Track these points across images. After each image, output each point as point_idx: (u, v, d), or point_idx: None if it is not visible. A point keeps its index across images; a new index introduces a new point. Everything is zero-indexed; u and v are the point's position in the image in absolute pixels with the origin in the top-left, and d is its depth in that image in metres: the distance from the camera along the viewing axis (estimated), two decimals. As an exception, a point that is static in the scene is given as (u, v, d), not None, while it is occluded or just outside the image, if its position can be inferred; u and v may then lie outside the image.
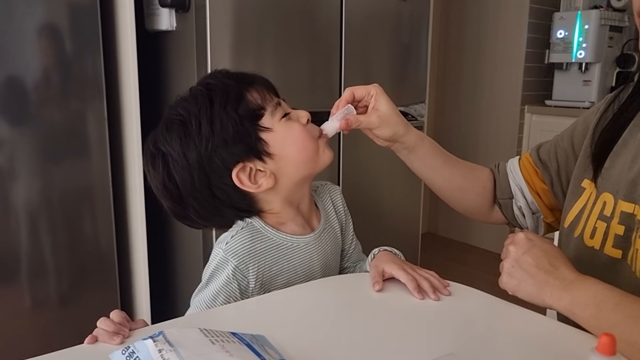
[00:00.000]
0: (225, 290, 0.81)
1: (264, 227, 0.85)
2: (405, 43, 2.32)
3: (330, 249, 0.93)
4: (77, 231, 1.69)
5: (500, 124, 3.20)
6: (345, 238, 0.99)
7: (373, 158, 2.27)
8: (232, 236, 0.83)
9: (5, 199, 1.54)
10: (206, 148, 0.78)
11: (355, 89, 0.91)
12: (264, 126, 0.81)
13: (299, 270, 0.87)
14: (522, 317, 0.75)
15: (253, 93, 0.81)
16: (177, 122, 0.80)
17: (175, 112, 0.81)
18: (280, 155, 0.82)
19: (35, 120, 1.56)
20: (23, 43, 1.51)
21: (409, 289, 0.80)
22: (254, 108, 0.81)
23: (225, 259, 0.81)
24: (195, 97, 0.80)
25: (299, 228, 0.88)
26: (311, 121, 0.87)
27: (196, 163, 0.79)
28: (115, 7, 1.71)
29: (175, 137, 0.79)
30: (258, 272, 0.83)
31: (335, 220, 0.96)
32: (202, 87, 0.81)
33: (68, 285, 1.69)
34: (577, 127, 0.97)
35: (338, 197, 0.99)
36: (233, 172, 0.80)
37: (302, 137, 0.83)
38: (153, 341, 0.55)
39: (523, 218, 1.04)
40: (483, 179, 1.05)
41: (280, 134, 0.82)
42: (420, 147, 0.97)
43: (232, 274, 0.81)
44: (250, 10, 1.80)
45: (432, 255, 3.15)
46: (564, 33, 2.92)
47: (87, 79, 1.63)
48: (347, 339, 0.68)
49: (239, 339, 0.59)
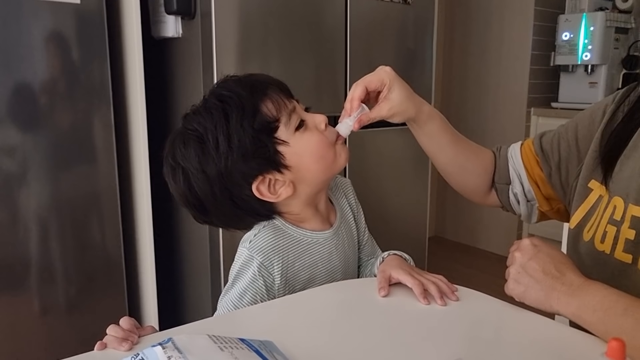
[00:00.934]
0: (252, 288, 0.82)
1: (285, 225, 0.87)
2: (410, 47, 2.32)
3: (347, 242, 0.94)
4: (85, 237, 1.70)
5: (507, 126, 3.20)
6: (359, 230, 1.00)
7: (379, 161, 2.27)
8: (256, 234, 0.85)
9: (13, 205, 1.55)
10: (225, 164, 0.79)
11: (368, 82, 0.90)
12: (281, 139, 0.81)
13: (319, 265, 0.89)
14: (530, 321, 0.75)
15: (267, 103, 0.81)
16: (194, 138, 0.80)
17: (191, 127, 0.81)
18: (298, 167, 0.82)
19: (42, 127, 1.57)
20: (30, 50, 1.52)
21: (415, 294, 0.80)
22: (270, 120, 0.80)
23: (250, 256, 0.83)
24: (210, 111, 0.80)
25: (318, 224, 0.90)
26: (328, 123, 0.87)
27: (216, 178, 0.80)
28: (122, 15, 1.73)
29: (193, 154, 0.80)
30: (282, 268, 0.84)
31: (350, 214, 0.98)
32: (215, 100, 0.81)
33: (76, 291, 1.69)
34: (582, 120, 0.96)
35: (350, 191, 1.01)
36: (253, 186, 0.81)
37: (320, 148, 0.83)
38: (162, 348, 0.55)
39: (517, 204, 1.03)
40: (485, 161, 1.05)
41: (296, 147, 0.82)
42: (429, 124, 0.97)
43: (258, 271, 0.82)
44: (256, 16, 1.81)
45: (440, 258, 3.14)
46: (570, 35, 2.92)
47: (94, 86, 1.64)
48: (355, 345, 0.68)
49: (247, 345, 0.59)
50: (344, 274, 0.92)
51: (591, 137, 0.92)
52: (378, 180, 2.29)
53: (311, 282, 0.88)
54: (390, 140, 2.29)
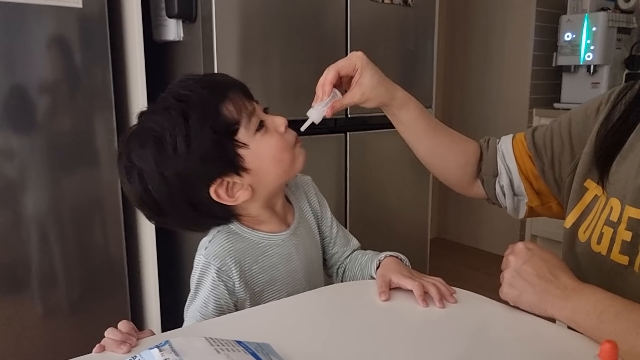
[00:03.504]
0: (214, 294, 0.82)
1: (240, 229, 0.86)
2: (411, 48, 2.32)
3: (308, 241, 0.93)
4: (87, 241, 1.71)
5: (509, 127, 3.18)
6: (323, 225, 0.99)
7: (380, 163, 2.27)
8: (210, 240, 0.84)
9: (16, 209, 1.56)
10: (183, 166, 0.77)
11: (340, 66, 0.90)
12: (241, 142, 0.80)
13: (279, 267, 0.88)
14: (529, 323, 0.75)
15: (228, 105, 0.79)
16: (151, 138, 0.77)
17: (148, 127, 0.79)
18: (257, 170, 0.82)
19: (45, 131, 1.58)
20: (33, 54, 1.53)
21: (415, 296, 0.80)
22: (230, 123, 0.79)
23: (207, 262, 0.83)
24: (169, 110, 0.78)
25: (275, 226, 0.89)
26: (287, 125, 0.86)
27: (173, 180, 0.78)
28: (124, 18, 1.74)
29: (150, 155, 0.77)
30: (240, 272, 0.83)
31: (310, 213, 0.97)
32: (174, 99, 0.79)
33: (78, 294, 1.70)
34: (576, 116, 0.95)
35: (310, 189, 1.00)
36: (211, 189, 0.80)
37: (279, 151, 0.83)
38: (159, 350, 0.56)
39: (503, 197, 1.03)
40: (468, 153, 1.04)
41: (256, 149, 0.81)
42: (404, 111, 0.97)
43: (217, 277, 0.82)
44: (256, 19, 1.82)
45: (442, 260, 3.14)
46: (572, 36, 2.91)
47: (96, 90, 1.65)
48: (353, 347, 0.68)
49: (244, 348, 0.60)
50: (307, 273, 0.91)
51: (585, 133, 0.91)
52: (379, 182, 2.30)
53: (271, 283, 0.87)
54: (391, 142, 2.29)
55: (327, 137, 2.05)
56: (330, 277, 1.03)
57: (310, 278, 0.92)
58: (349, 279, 0.98)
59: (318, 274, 0.96)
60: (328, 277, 1.03)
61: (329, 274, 1.02)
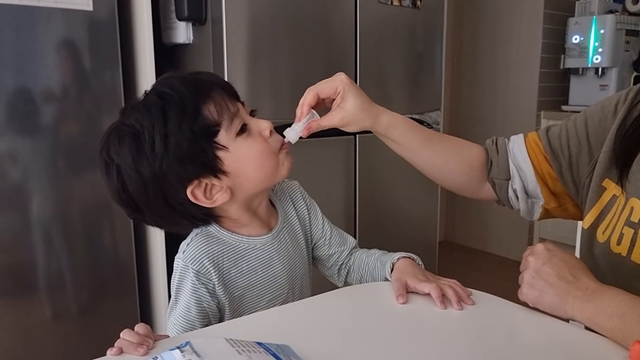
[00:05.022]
0: (196, 297, 0.81)
1: (219, 231, 0.85)
2: (419, 51, 2.32)
3: (292, 247, 0.91)
4: (97, 243, 1.71)
5: (517, 130, 3.12)
6: (314, 229, 0.97)
7: (389, 166, 2.26)
8: (188, 244, 0.83)
9: (25, 212, 1.56)
10: (160, 165, 0.75)
11: (320, 89, 0.88)
12: (220, 144, 0.78)
13: (259, 271, 0.86)
14: (545, 324, 0.74)
15: (210, 105, 0.77)
16: (129, 134, 0.76)
17: (127, 123, 0.76)
18: (236, 174, 0.80)
19: (54, 134, 1.59)
20: (43, 57, 1.54)
21: (433, 297, 0.79)
22: (210, 124, 0.77)
23: (185, 266, 0.81)
24: (149, 108, 0.76)
25: (257, 229, 0.87)
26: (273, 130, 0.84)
27: (150, 178, 0.76)
28: (134, 21, 1.74)
29: (127, 151, 0.76)
30: (219, 274, 0.82)
31: (295, 218, 0.95)
32: (155, 97, 0.77)
33: (88, 297, 1.70)
34: (593, 115, 0.93)
35: (297, 194, 0.97)
36: (188, 190, 0.78)
37: (261, 156, 0.81)
38: (180, 351, 0.55)
39: (516, 200, 1.00)
40: (470, 159, 1.02)
41: (236, 153, 0.79)
42: (391, 132, 0.95)
43: (197, 279, 0.81)
44: (266, 22, 1.82)
45: (450, 263, 3.13)
46: (580, 38, 2.91)
47: (106, 92, 1.66)
48: (373, 349, 0.68)
49: (264, 349, 0.59)
50: (289, 278, 0.89)
51: (603, 132, 0.90)
52: (388, 185, 2.29)
53: (251, 288, 0.86)
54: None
55: (336, 139, 2.05)
56: (330, 278, 1.01)
57: (293, 283, 0.90)
58: (355, 281, 0.97)
59: (302, 279, 0.93)
60: (328, 278, 1.01)
61: (329, 275, 1.01)
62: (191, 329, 0.81)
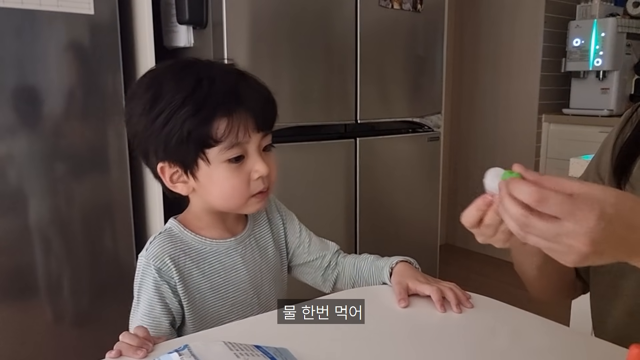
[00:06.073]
0: (159, 293, 0.82)
1: (182, 232, 0.86)
2: (420, 54, 2.32)
3: (258, 255, 0.92)
4: (97, 247, 1.71)
5: (518, 133, 3.19)
6: (290, 238, 0.98)
7: (389, 169, 2.26)
8: (151, 242, 0.85)
9: (26, 215, 1.57)
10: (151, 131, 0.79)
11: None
12: (206, 158, 0.79)
13: (222, 275, 0.87)
14: (547, 328, 0.74)
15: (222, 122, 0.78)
16: (152, 92, 0.79)
17: (161, 82, 0.80)
18: (204, 185, 0.82)
19: (56, 137, 1.59)
20: (45, 60, 1.54)
21: (433, 300, 0.79)
22: (210, 137, 0.78)
23: (147, 263, 0.82)
24: (181, 83, 0.78)
25: (220, 233, 0.89)
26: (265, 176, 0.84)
27: (141, 131, 0.80)
28: (135, 25, 1.75)
29: (142, 102, 0.79)
30: (179, 273, 0.83)
31: (267, 229, 0.95)
32: (193, 79, 0.78)
33: (88, 300, 1.70)
34: (602, 155, 0.88)
35: (271, 207, 0.98)
36: (159, 163, 0.82)
37: (232, 190, 0.82)
38: (178, 354, 0.56)
39: None
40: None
41: (214, 172, 0.80)
42: None
43: (159, 276, 0.81)
44: (266, 25, 1.82)
45: (451, 267, 3.12)
46: (580, 41, 2.91)
47: (108, 96, 1.66)
48: (371, 352, 0.68)
49: (262, 352, 0.59)
50: (254, 285, 0.90)
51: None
52: (388, 188, 2.29)
53: (213, 290, 0.86)
54: (401, 147, 2.29)
55: (337, 142, 2.05)
56: (316, 285, 1.00)
57: (258, 290, 0.90)
58: (346, 286, 0.97)
59: (270, 287, 0.93)
60: (314, 286, 1.01)
61: (313, 282, 1.01)
62: (157, 326, 0.81)
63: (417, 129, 2.33)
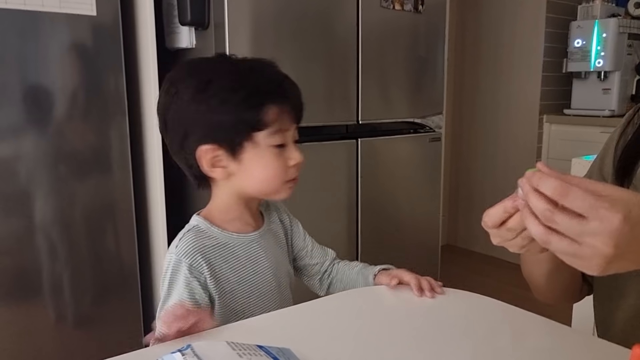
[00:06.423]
0: (189, 289, 0.83)
1: (209, 228, 0.89)
2: (421, 55, 2.32)
3: (276, 246, 0.97)
4: (100, 247, 1.72)
5: (519, 134, 3.19)
6: (296, 240, 1.03)
7: (391, 170, 2.27)
8: (180, 239, 0.87)
9: (29, 215, 1.57)
10: (198, 113, 0.82)
11: None
12: (254, 140, 0.84)
13: (248, 267, 0.90)
14: (549, 329, 0.74)
15: (274, 109, 0.84)
16: (199, 79, 0.83)
17: (212, 69, 0.85)
18: (245, 168, 0.86)
19: (58, 138, 1.59)
20: (47, 61, 1.55)
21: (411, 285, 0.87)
22: (260, 120, 0.83)
23: (178, 260, 0.84)
24: (234, 74, 0.84)
25: (243, 227, 0.92)
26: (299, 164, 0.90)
27: (186, 115, 0.84)
28: (137, 26, 1.75)
29: (190, 86, 0.83)
30: (210, 269, 0.85)
31: (279, 226, 1.00)
32: (245, 67, 0.86)
33: (91, 301, 1.71)
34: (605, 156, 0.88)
35: (281, 208, 1.03)
36: (201, 146, 0.84)
37: (272, 175, 0.87)
38: (181, 354, 0.56)
39: None
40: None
41: (259, 155, 0.85)
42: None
43: (190, 273, 0.84)
44: (269, 26, 1.83)
45: (453, 267, 3.12)
46: (582, 42, 2.91)
47: (110, 97, 1.67)
48: (373, 352, 0.68)
49: (265, 352, 0.60)
50: (275, 274, 0.93)
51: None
52: (390, 188, 2.29)
53: (241, 283, 0.89)
54: (402, 148, 2.30)
55: (338, 143, 2.05)
56: (312, 287, 1.06)
57: (279, 279, 0.94)
58: (336, 290, 1.02)
59: (286, 276, 0.98)
60: (310, 288, 1.06)
61: (310, 284, 1.06)
62: None
63: (418, 129, 2.33)
